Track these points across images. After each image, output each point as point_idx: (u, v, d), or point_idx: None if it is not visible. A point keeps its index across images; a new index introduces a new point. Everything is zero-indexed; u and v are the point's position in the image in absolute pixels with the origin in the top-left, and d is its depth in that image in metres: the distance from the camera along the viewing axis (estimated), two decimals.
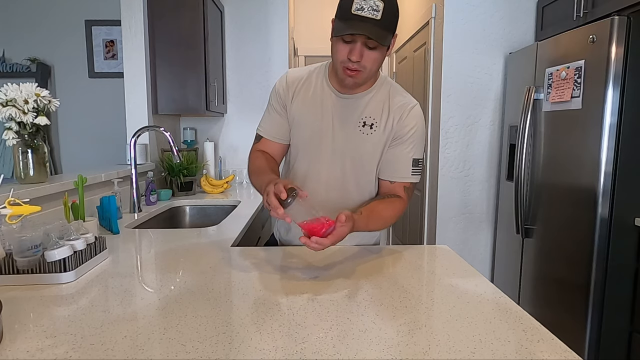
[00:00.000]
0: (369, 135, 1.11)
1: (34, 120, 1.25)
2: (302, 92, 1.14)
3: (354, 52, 0.95)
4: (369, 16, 0.90)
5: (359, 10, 0.91)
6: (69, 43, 3.00)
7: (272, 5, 2.69)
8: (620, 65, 1.65)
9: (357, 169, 1.13)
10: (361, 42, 0.94)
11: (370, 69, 1.00)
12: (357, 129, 1.10)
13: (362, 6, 0.91)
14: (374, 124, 1.10)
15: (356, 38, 0.94)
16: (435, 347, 0.61)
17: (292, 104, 1.15)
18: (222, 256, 1.09)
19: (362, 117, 1.10)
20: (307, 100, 1.13)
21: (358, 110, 1.11)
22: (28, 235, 0.86)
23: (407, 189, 1.13)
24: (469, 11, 2.48)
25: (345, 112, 1.11)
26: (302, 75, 1.15)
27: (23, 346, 0.60)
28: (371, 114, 1.11)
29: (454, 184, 2.62)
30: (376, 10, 0.91)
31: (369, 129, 1.11)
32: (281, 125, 1.17)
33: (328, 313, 0.72)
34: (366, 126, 1.10)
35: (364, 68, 0.99)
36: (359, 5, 0.91)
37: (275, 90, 1.17)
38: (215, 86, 2.41)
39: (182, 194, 2.23)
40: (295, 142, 1.17)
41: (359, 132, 1.10)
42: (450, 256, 1.09)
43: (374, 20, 0.91)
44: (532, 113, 2.14)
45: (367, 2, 0.90)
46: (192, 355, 0.58)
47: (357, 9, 0.91)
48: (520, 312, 0.73)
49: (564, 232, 1.93)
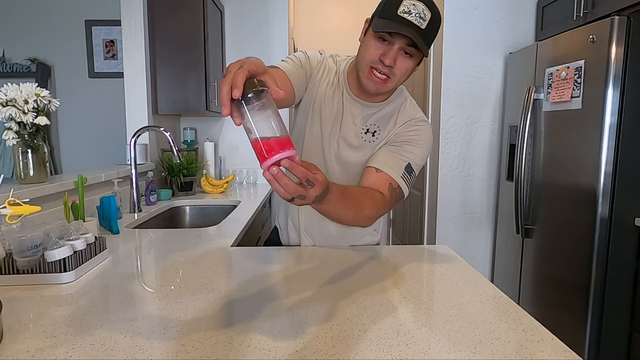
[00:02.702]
0: (370, 143, 1.06)
1: (34, 120, 1.25)
2: (324, 81, 1.07)
3: (388, 54, 0.88)
4: (414, 22, 0.85)
5: (406, 14, 0.85)
6: (69, 43, 3.00)
7: (272, 5, 2.69)
8: (620, 65, 1.65)
9: (349, 173, 1.08)
10: (399, 46, 0.88)
11: (399, 79, 0.93)
12: (359, 134, 1.06)
13: (410, 10, 0.85)
14: (376, 132, 1.06)
15: (395, 40, 0.87)
16: (435, 347, 0.61)
17: (312, 81, 1.06)
18: (222, 256, 1.09)
19: (367, 124, 1.05)
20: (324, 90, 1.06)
21: (365, 116, 1.05)
22: (28, 235, 0.86)
23: (392, 190, 0.97)
24: (469, 11, 2.48)
25: (352, 115, 1.06)
26: (331, 66, 1.08)
27: (23, 346, 0.60)
28: (377, 122, 1.06)
29: (454, 184, 2.62)
30: (423, 18, 0.85)
31: (371, 137, 1.06)
32: (300, 78, 1.02)
33: (328, 313, 0.72)
34: (369, 133, 1.06)
35: (393, 75, 0.92)
36: (406, 8, 0.85)
37: (309, 56, 1.06)
38: (215, 86, 2.41)
39: (182, 194, 2.23)
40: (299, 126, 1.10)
41: (360, 138, 1.06)
42: (450, 256, 1.09)
43: (418, 27, 0.85)
44: (532, 113, 2.14)
45: (416, 7, 0.85)
46: (192, 355, 0.58)
47: (404, 11, 0.85)
48: (520, 312, 0.73)
49: (564, 232, 1.93)
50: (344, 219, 0.93)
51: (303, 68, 1.03)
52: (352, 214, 0.90)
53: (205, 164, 2.53)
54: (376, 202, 0.94)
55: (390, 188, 0.97)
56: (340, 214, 0.88)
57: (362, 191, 0.94)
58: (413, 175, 1.02)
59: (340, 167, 1.08)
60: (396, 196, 0.98)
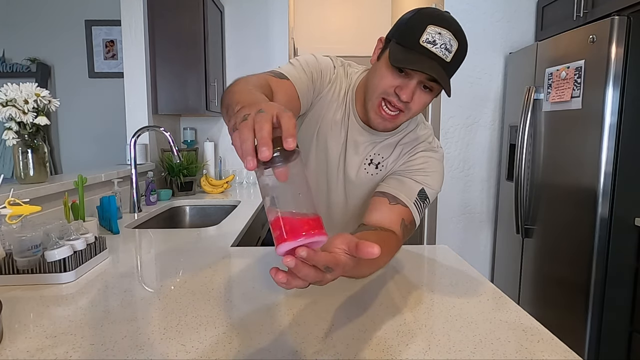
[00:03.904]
0: (373, 176, 0.96)
1: (34, 120, 1.25)
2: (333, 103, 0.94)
3: (405, 89, 0.78)
4: (439, 54, 0.74)
5: (430, 44, 0.74)
6: (69, 43, 3.00)
7: (272, 5, 2.69)
8: (620, 65, 1.65)
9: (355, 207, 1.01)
10: (417, 81, 0.78)
11: (414, 113, 0.83)
12: (362, 166, 0.96)
13: (435, 40, 0.74)
14: (380, 163, 0.96)
15: (414, 74, 0.77)
16: (435, 347, 0.61)
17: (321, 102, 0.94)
18: (222, 256, 1.09)
19: (370, 154, 0.95)
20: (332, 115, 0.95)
21: (371, 145, 0.95)
22: (28, 235, 0.86)
23: (405, 227, 0.85)
24: (469, 11, 2.48)
25: (355, 142, 0.95)
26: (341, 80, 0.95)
27: (23, 346, 0.60)
28: (380, 152, 0.96)
29: (454, 184, 2.62)
30: (449, 50, 0.74)
31: (374, 169, 0.96)
32: (308, 90, 0.89)
33: (328, 313, 0.72)
34: (372, 165, 0.96)
35: (408, 110, 0.82)
36: (431, 37, 0.74)
37: (321, 69, 0.92)
38: (215, 86, 2.41)
39: (182, 194, 2.23)
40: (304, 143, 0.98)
41: (363, 170, 0.96)
42: (450, 256, 1.09)
43: (442, 60, 0.74)
44: (532, 113, 2.14)
45: (442, 36, 0.74)
46: (192, 355, 0.58)
47: (428, 40, 0.74)
48: (520, 312, 0.73)
49: (564, 232, 1.93)
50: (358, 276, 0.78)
51: (313, 83, 0.90)
52: (367, 272, 0.76)
53: (205, 164, 2.53)
54: (391, 250, 0.80)
55: (402, 224, 0.84)
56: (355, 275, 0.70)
57: (376, 237, 0.77)
58: (426, 203, 0.90)
59: (345, 199, 1.02)
60: (407, 233, 0.87)
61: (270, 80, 0.78)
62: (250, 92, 0.63)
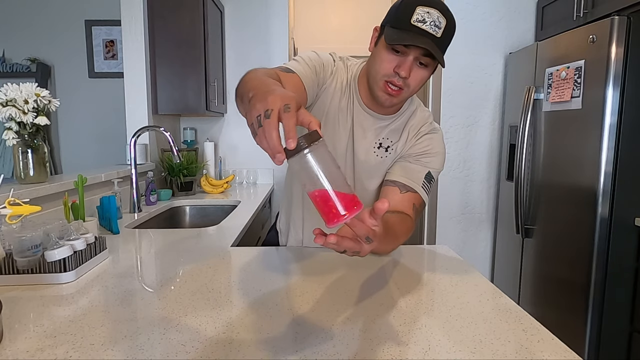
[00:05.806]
0: (383, 159, 1.02)
1: (34, 120, 1.25)
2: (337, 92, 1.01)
3: (403, 66, 0.85)
4: (429, 31, 0.81)
5: (420, 22, 0.81)
6: (69, 43, 3.00)
7: (272, 5, 2.69)
8: (620, 65, 1.65)
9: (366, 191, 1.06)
10: (413, 57, 0.84)
11: (413, 89, 0.90)
12: (372, 149, 1.02)
13: (425, 18, 0.81)
14: (390, 147, 1.02)
15: (409, 51, 0.84)
16: (435, 347, 0.61)
17: (326, 93, 1.01)
18: (222, 256, 1.09)
19: (379, 138, 1.02)
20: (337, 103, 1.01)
21: (377, 129, 1.02)
22: (28, 235, 0.86)
23: (416, 209, 0.96)
24: (469, 11, 2.48)
25: (362, 127, 1.02)
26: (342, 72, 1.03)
27: (23, 346, 0.60)
28: (389, 136, 1.02)
29: (454, 184, 2.62)
30: (438, 26, 0.81)
31: (384, 152, 1.02)
32: (313, 83, 0.95)
33: (328, 313, 0.72)
34: (381, 148, 1.02)
35: (407, 87, 0.89)
36: (420, 17, 0.81)
37: (323, 63, 0.99)
38: (215, 86, 2.41)
39: (182, 194, 2.23)
40: None
41: (373, 153, 1.02)
42: (450, 256, 1.09)
43: (432, 36, 0.81)
44: (532, 113, 2.14)
45: (430, 14, 0.81)
46: (192, 355, 0.58)
47: (418, 20, 0.81)
48: (520, 312, 0.73)
49: (564, 232, 1.93)
50: (380, 252, 0.94)
51: (317, 75, 0.98)
52: (389, 248, 0.91)
53: (205, 164, 2.53)
54: (408, 229, 0.92)
55: (414, 208, 0.96)
56: (380, 250, 0.86)
57: (397, 221, 0.88)
58: (432, 183, 1.01)
59: (355, 183, 1.06)
60: (418, 214, 0.98)
61: (278, 74, 0.84)
62: (261, 79, 0.67)
